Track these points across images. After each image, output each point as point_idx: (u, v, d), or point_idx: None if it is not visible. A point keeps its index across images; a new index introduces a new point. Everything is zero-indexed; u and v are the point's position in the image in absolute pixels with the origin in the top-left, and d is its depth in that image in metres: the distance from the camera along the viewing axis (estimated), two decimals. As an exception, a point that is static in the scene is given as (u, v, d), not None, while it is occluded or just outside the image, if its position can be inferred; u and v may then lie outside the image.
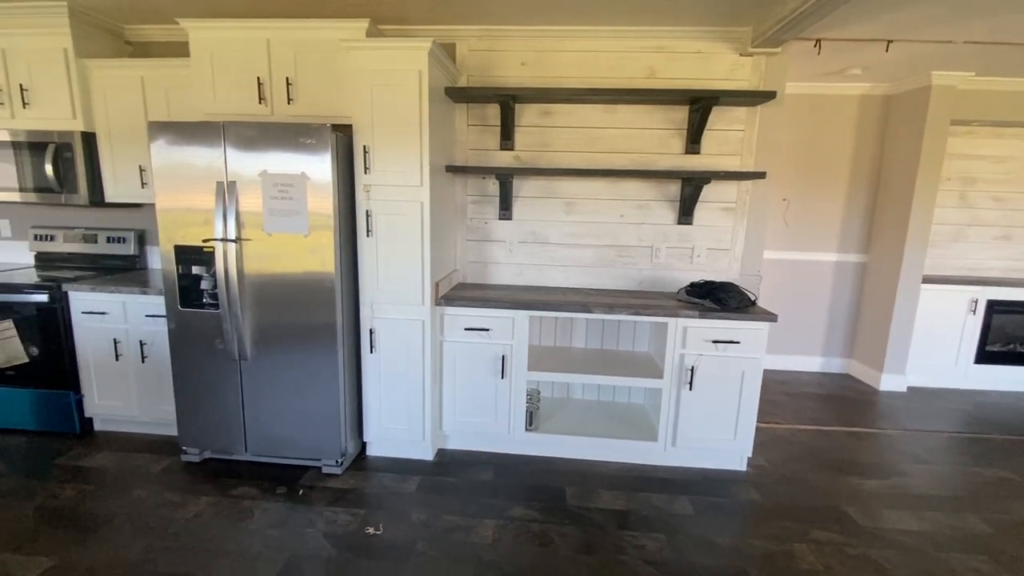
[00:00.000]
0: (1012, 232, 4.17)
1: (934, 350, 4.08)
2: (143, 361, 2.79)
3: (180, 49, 2.97)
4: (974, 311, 3.99)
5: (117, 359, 2.81)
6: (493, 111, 2.97)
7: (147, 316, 2.74)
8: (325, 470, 2.60)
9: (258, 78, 2.60)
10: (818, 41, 2.89)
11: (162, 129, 2.31)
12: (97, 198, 2.95)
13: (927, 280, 3.94)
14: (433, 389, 2.68)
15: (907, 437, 3.23)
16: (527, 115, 2.98)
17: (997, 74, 3.55)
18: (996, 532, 2.29)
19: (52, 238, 3.30)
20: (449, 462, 2.75)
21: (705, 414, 2.65)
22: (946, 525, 2.34)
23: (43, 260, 3.34)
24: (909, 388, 4.07)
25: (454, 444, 2.89)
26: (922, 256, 3.83)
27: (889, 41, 2.88)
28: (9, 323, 2.76)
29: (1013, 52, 3.02)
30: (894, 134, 3.94)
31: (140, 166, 2.89)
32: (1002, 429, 3.38)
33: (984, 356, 4.06)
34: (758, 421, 2.96)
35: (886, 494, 2.58)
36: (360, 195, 2.48)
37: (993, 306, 3.97)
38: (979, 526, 2.34)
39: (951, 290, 3.98)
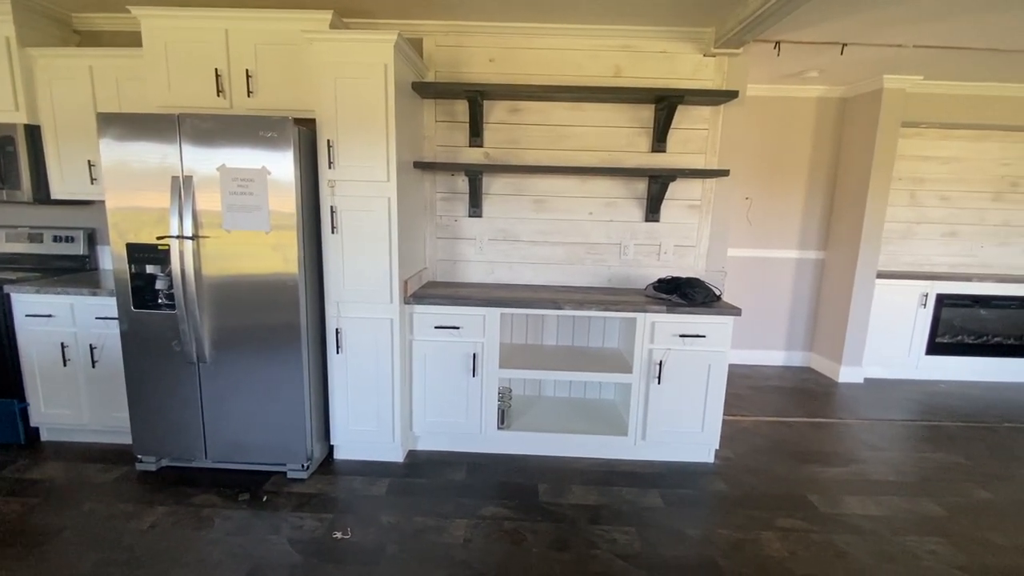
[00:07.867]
0: (958, 229, 4.38)
1: (889, 342, 4.26)
2: (93, 366, 2.65)
3: (132, 39, 2.84)
4: (924, 305, 4.18)
5: (65, 364, 2.66)
6: (462, 107, 2.95)
7: (98, 319, 2.61)
8: (291, 475, 2.52)
9: (216, 70, 2.50)
10: (777, 43, 2.97)
11: (112, 121, 2.20)
12: (42, 195, 2.79)
13: (881, 275, 4.10)
14: (403, 389, 2.63)
15: (865, 426, 3.35)
16: (496, 112, 2.96)
17: (944, 78, 3.73)
18: (949, 515, 2.39)
19: (-8, 238, 3.11)
20: (420, 463, 2.71)
21: (673, 408, 2.68)
22: (903, 509, 2.43)
23: (-17, 261, 3.14)
24: (866, 379, 4.23)
25: (425, 445, 2.85)
26: (876, 252, 3.99)
27: (844, 44, 2.99)
28: (-57, 328, 2.58)
29: (959, 57, 3.18)
30: (849, 135, 4.10)
31: (89, 161, 2.75)
32: (952, 416, 3.54)
33: (934, 347, 4.26)
34: (724, 414, 3.01)
35: (846, 481, 2.67)
36: (324, 191, 2.41)
37: (942, 300, 4.17)
38: (933, 509, 2.44)
39: (903, 285, 4.16)
